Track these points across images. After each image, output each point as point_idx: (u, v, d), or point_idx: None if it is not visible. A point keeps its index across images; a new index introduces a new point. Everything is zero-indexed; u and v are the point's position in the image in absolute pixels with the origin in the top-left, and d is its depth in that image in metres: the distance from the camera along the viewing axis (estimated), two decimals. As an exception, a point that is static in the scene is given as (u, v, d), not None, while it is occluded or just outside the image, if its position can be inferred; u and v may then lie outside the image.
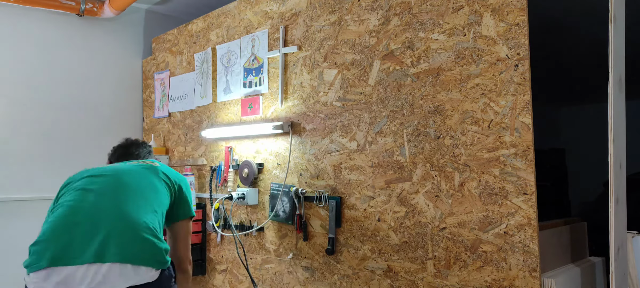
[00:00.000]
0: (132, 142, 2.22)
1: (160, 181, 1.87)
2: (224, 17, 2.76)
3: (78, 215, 1.66)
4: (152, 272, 1.59)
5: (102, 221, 1.63)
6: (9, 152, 2.97)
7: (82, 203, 1.69)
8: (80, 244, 1.58)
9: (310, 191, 2.19)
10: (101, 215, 1.65)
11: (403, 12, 1.85)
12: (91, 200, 1.69)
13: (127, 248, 1.58)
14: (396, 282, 1.85)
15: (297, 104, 2.27)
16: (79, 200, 1.70)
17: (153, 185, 1.83)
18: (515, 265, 1.52)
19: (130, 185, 1.77)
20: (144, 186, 1.80)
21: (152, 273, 1.59)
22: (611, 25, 1.43)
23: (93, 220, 1.64)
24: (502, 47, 1.55)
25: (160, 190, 1.84)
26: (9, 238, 2.95)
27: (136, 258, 1.57)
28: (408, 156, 1.81)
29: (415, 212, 1.78)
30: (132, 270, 1.55)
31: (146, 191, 1.79)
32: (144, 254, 1.59)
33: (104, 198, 1.71)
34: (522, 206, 1.50)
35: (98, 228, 1.61)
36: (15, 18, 3.03)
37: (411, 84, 1.81)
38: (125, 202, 1.70)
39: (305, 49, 2.24)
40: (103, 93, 3.37)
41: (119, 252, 1.56)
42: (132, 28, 3.52)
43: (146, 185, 1.81)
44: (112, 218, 1.64)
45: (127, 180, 1.79)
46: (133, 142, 2.22)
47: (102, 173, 1.82)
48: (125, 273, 1.54)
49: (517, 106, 1.51)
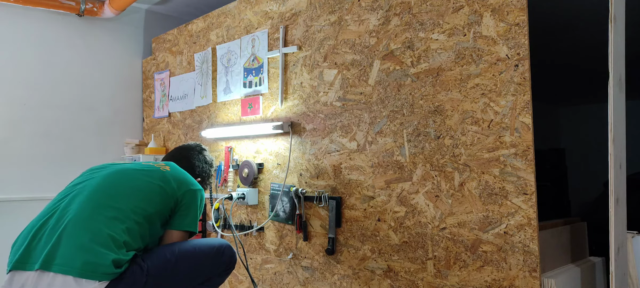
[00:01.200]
0: (185, 146, 2.21)
1: (158, 186, 1.77)
2: (224, 17, 2.76)
3: (48, 218, 1.63)
4: (94, 284, 1.52)
5: (62, 226, 1.59)
6: (9, 152, 2.97)
7: (57, 205, 1.67)
8: (39, 249, 1.55)
9: (310, 191, 2.19)
10: (64, 220, 1.60)
11: (403, 12, 1.85)
12: (64, 203, 1.66)
13: (71, 259, 1.52)
14: (396, 282, 1.85)
15: (297, 104, 2.27)
16: (56, 201, 1.69)
17: (140, 189, 1.73)
18: (515, 265, 1.52)
19: (109, 189, 1.70)
20: (127, 189, 1.72)
21: (94, 285, 1.52)
22: (611, 25, 1.43)
23: (57, 224, 1.60)
24: (502, 47, 1.55)
25: (150, 194, 1.74)
26: (9, 238, 2.94)
27: (77, 270, 1.50)
28: (408, 156, 1.81)
29: (415, 212, 1.78)
30: (74, 282, 1.50)
31: (126, 195, 1.70)
32: (87, 266, 1.51)
33: (74, 201, 1.66)
34: (522, 206, 1.50)
35: (56, 233, 1.57)
36: (15, 18, 3.03)
37: (411, 84, 1.81)
38: (92, 207, 1.64)
39: (305, 49, 2.24)
40: (103, 93, 3.37)
41: (63, 262, 1.51)
42: (132, 28, 3.52)
43: (131, 188, 1.73)
44: (70, 224, 1.59)
45: (109, 182, 1.73)
46: (185, 146, 2.21)
47: (91, 175, 1.78)
48: (67, 284, 1.50)
49: (517, 106, 1.51)
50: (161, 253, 1.72)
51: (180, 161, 2.08)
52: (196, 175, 2.12)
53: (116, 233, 1.59)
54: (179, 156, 2.13)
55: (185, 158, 2.13)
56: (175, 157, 2.12)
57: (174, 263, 1.71)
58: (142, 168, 1.81)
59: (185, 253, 1.76)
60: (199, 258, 1.78)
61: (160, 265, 1.68)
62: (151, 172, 1.80)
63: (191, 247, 1.79)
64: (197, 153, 2.18)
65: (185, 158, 2.13)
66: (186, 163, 2.10)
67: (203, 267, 1.79)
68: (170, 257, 1.72)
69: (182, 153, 2.16)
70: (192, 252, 1.78)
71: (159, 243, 1.80)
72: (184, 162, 2.09)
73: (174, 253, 1.74)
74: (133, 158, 3.19)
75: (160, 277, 1.66)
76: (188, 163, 2.11)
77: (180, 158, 2.11)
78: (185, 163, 2.09)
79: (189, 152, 2.16)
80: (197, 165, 2.15)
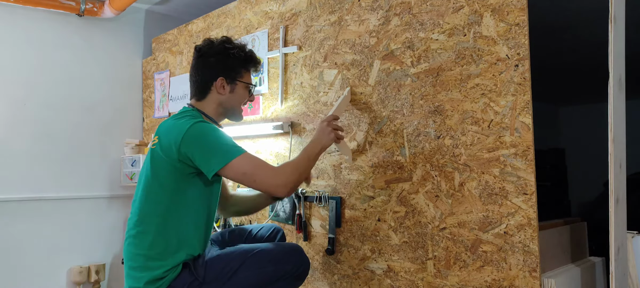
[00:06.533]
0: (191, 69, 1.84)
1: (153, 160, 1.63)
2: (224, 17, 2.76)
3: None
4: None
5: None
6: (9, 152, 2.97)
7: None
8: None
9: (310, 191, 2.19)
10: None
11: (403, 12, 1.85)
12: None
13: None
14: (396, 282, 1.85)
15: (297, 104, 2.27)
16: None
17: (147, 178, 1.64)
18: (515, 265, 1.52)
19: (134, 203, 1.71)
20: (139, 196, 1.68)
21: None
22: (611, 25, 1.43)
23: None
24: (502, 47, 1.55)
25: (151, 179, 1.62)
26: (9, 238, 2.95)
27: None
28: (408, 156, 1.81)
29: (415, 212, 1.78)
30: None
31: (141, 202, 1.66)
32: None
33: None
34: (522, 206, 1.50)
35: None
36: (15, 18, 3.03)
37: (411, 84, 1.81)
38: (130, 225, 1.68)
39: (305, 49, 2.24)
40: (103, 93, 3.37)
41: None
42: (132, 28, 3.52)
43: (142, 182, 1.68)
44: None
45: (136, 195, 1.72)
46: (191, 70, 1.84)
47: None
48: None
49: (517, 106, 1.51)
50: (223, 258, 1.66)
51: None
52: (202, 92, 1.78)
53: (143, 250, 1.59)
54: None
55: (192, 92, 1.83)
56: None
57: (235, 269, 1.64)
58: (146, 164, 1.71)
59: (251, 258, 1.66)
60: (262, 264, 1.66)
61: (217, 270, 1.62)
62: (146, 164, 1.70)
63: (258, 251, 1.69)
64: (195, 62, 1.80)
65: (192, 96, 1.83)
66: (193, 95, 1.82)
67: (267, 273, 1.67)
68: (230, 262, 1.65)
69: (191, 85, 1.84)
70: (257, 257, 1.67)
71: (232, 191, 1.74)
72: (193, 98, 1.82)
73: (235, 257, 1.66)
74: (133, 158, 3.19)
75: (217, 281, 1.62)
76: (193, 94, 1.82)
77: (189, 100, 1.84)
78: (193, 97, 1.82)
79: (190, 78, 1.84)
80: (196, 80, 1.78)
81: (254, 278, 1.64)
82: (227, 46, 1.77)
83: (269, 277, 1.66)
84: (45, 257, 3.06)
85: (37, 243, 3.03)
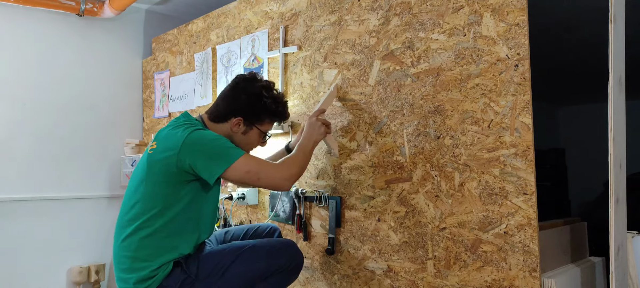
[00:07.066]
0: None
1: (150, 165, 1.62)
2: (224, 17, 2.76)
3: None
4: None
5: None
6: (9, 152, 2.97)
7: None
8: None
9: (310, 191, 2.19)
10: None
11: (403, 12, 1.85)
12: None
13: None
14: (396, 282, 1.85)
15: (297, 104, 2.27)
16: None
17: (140, 182, 1.64)
18: (515, 265, 1.52)
19: (125, 203, 1.70)
20: (131, 189, 1.68)
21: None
22: (611, 25, 1.43)
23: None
24: (502, 47, 1.55)
25: (145, 183, 1.61)
26: (8, 238, 2.95)
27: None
28: (408, 156, 1.81)
29: (415, 212, 1.78)
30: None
31: (130, 198, 1.66)
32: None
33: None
34: (522, 206, 1.50)
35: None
36: (15, 18, 3.03)
37: (411, 84, 1.81)
38: (117, 227, 1.70)
39: (305, 49, 2.24)
40: (103, 93, 3.37)
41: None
42: (132, 28, 3.52)
43: (133, 185, 1.68)
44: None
45: (126, 195, 1.73)
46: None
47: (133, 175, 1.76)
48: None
49: (517, 106, 1.51)
50: (216, 255, 1.66)
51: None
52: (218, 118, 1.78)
53: (130, 252, 1.60)
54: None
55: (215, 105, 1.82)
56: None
57: (228, 265, 1.65)
58: (140, 167, 1.70)
59: (244, 254, 1.67)
60: (255, 259, 1.69)
61: (211, 267, 1.63)
62: (140, 167, 1.70)
63: (250, 246, 1.71)
64: (230, 87, 1.81)
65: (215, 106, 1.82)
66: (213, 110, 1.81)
67: (259, 267, 1.68)
68: (223, 258, 1.65)
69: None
70: (250, 252, 1.69)
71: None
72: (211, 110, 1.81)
73: (227, 253, 1.67)
74: (133, 158, 3.19)
75: (210, 277, 1.62)
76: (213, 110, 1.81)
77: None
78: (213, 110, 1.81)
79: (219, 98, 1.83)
80: (219, 104, 1.78)
81: (247, 274, 1.66)
82: (264, 93, 1.79)
83: (262, 271, 1.68)
84: (45, 257, 3.06)
85: (37, 243, 3.03)
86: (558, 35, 3.49)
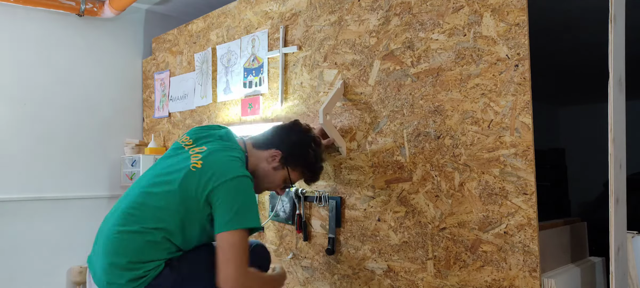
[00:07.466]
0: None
1: (187, 178, 1.58)
2: (224, 17, 2.76)
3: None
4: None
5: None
6: (9, 152, 2.97)
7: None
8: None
9: (310, 191, 2.19)
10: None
11: (403, 12, 1.85)
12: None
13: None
14: (396, 282, 1.85)
15: (297, 104, 2.27)
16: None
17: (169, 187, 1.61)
18: (515, 265, 1.52)
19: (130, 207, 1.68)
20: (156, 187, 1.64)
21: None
22: (611, 25, 1.43)
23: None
24: (502, 47, 1.55)
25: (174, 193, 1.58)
26: (9, 238, 2.95)
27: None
28: (408, 156, 1.81)
29: (415, 212, 1.78)
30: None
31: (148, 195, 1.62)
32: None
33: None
34: (522, 206, 1.50)
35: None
36: (15, 18, 3.03)
37: (411, 84, 1.81)
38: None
39: (305, 49, 2.24)
40: (103, 93, 3.37)
41: None
42: (132, 28, 3.52)
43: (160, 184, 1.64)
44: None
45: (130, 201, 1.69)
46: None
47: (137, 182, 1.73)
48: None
49: (517, 106, 1.52)
50: (207, 255, 1.64)
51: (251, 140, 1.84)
52: (262, 146, 1.80)
53: (130, 253, 1.57)
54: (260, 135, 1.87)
55: (266, 135, 1.85)
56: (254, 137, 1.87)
57: (205, 267, 1.62)
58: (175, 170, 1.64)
59: (208, 256, 1.64)
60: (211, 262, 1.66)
61: (201, 267, 1.62)
62: (175, 169, 1.64)
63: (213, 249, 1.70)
64: (287, 125, 1.88)
65: (264, 136, 1.84)
66: (261, 140, 1.83)
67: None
68: (212, 259, 1.62)
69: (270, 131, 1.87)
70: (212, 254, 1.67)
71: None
72: (259, 140, 1.83)
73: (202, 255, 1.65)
74: (133, 158, 3.19)
75: (200, 277, 1.61)
76: (262, 139, 1.83)
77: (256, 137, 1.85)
78: (261, 140, 1.83)
79: (275, 130, 1.87)
80: (268, 135, 1.83)
81: None
82: (312, 145, 1.85)
83: None
84: (45, 257, 3.07)
85: (37, 243, 3.03)
86: (558, 35, 3.49)
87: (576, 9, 2.97)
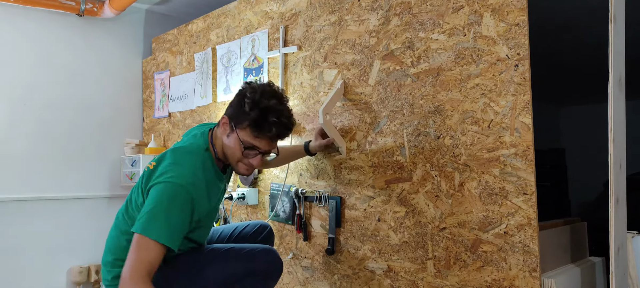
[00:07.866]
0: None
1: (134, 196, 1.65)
2: (224, 17, 2.76)
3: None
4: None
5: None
6: (9, 152, 2.97)
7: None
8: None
9: (310, 191, 2.19)
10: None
11: (403, 12, 1.85)
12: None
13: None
14: (396, 282, 1.85)
15: (297, 104, 2.27)
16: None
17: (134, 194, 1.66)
18: (515, 265, 1.52)
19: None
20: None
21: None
22: (611, 25, 1.43)
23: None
24: (502, 47, 1.55)
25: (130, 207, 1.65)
26: (8, 238, 2.95)
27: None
28: (408, 156, 1.81)
29: (415, 212, 1.78)
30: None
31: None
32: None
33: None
34: (522, 206, 1.50)
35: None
36: (15, 18, 3.03)
37: (411, 84, 1.81)
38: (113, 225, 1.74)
39: (305, 49, 2.24)
40: (103, 93, 3.37)
41: None
42: (132, 28, 3.52)
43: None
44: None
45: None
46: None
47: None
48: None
49: (517, 106, 1.51)
50: (195, 254, 1.65)
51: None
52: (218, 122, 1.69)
53: (116, 252, 1.64)
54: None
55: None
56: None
57: (204, 265, 1.64)
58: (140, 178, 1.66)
59: (220, 256, 1.64)
60: (231, 261, 1.65)
61: (188, 266, 1.62)
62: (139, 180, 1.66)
63: (228, 248, 1.69)
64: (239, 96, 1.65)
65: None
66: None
67: (234, 269, 1.65)
68: (200, 258, 1.64)
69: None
70: (227, 255, 1.66)
71: None
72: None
73: (204, 254, 1.66)
74: (133, 158, 3.19)
75: (187, 275, 1.62)
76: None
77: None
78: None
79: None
80: (228, 106, 1.67)
81: (221, 275, 1.65)
82: (248, 94, 1.59)
83: (237, 273, 1.66)
84: (45, 257, 3.06)
85: (37, 243, 3.03)
86: (558, 35, 3.49)
87: (576, 8, 2.97)
